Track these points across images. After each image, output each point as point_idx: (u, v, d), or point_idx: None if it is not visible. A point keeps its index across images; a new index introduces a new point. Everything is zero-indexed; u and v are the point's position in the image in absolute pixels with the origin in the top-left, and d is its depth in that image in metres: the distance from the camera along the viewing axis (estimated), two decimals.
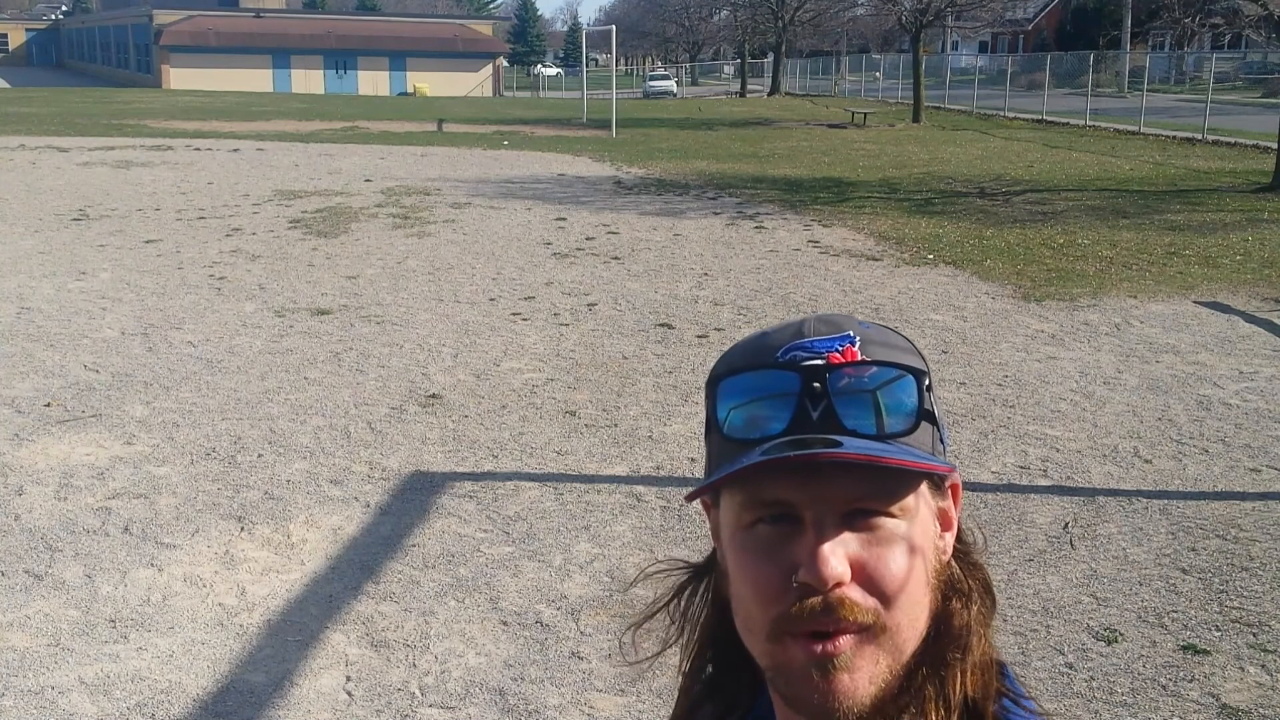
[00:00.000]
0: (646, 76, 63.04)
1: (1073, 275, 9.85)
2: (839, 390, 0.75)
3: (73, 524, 4.61)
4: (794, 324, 0.80)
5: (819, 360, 0.76)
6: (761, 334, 0.81)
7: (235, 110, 34.84)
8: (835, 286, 9.44)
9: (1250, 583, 4.16)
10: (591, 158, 20.92)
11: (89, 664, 3.58)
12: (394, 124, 29.42)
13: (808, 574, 0.72)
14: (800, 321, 0.80)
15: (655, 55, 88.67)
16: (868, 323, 0.80)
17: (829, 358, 0.76)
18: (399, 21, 67.91)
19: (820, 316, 0.81)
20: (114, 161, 18.74)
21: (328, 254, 10.71)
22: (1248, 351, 7.42)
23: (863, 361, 0.76)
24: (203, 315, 8.22)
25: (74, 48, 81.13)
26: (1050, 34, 62.82)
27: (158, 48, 57.82)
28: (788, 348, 0.77)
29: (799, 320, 0.80)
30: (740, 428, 0.76)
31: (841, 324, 0.79)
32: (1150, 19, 48.24)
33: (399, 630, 3.80)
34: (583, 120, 31.25)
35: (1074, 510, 4.83)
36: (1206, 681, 3.50)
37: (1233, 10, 19.91)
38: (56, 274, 9.61)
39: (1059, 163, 19.86)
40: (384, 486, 5.05)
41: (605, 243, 11.47)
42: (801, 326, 0.79)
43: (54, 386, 6.47)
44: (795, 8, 50.37)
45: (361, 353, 7.26)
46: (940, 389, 6.54)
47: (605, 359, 7.18)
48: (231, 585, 4.12)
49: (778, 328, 0.81)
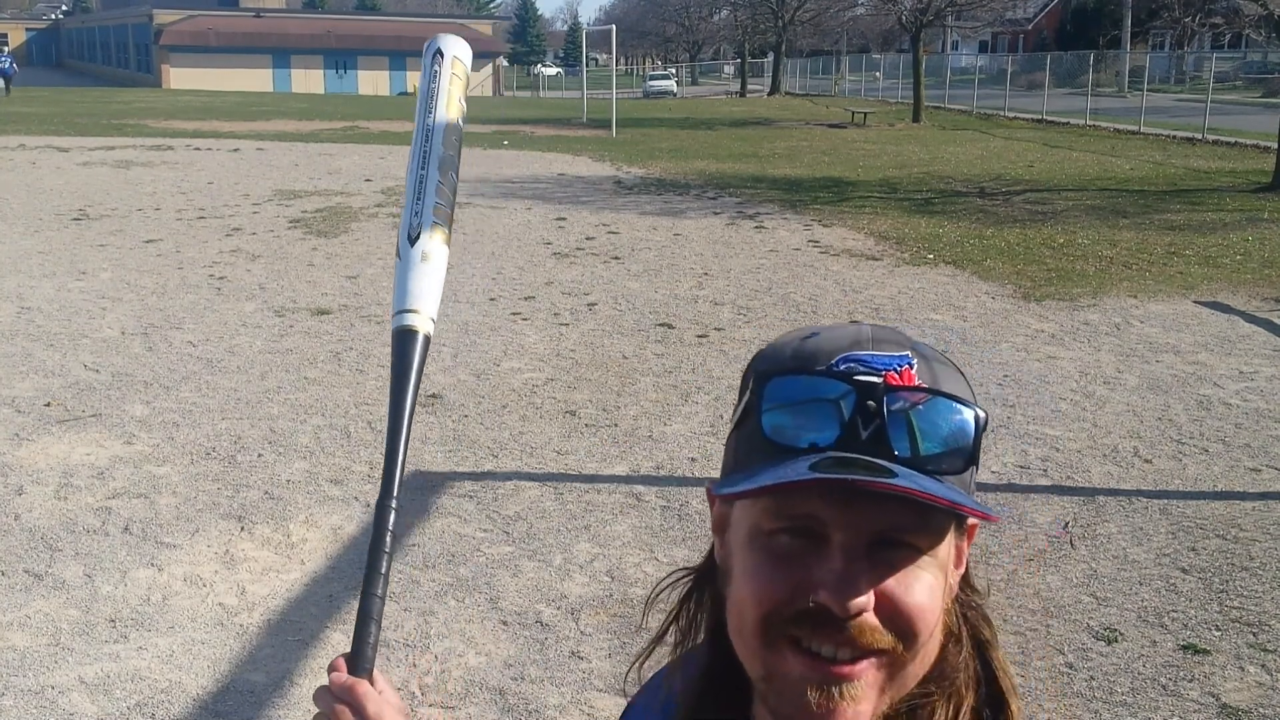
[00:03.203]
0: (646, 76, 63.05)
1: (1073, 275, 9.85)
2: (894, 413, 0.71)
3: (73, 524, 4.61)
4: (849, 330, 0.76)
5: (876, 378, 0.72)
6: (812, 333, 0.77)
7: (235, 110, 34.85)
8: (835, 286, 9.44)
9: (1250, 583, 4.16)
10: (591, 157, 20.92)
11: (89, 664, 3.58)
12: (394, 124, 29.42)
13: (830, 599, 0.69)
14: (856, 328, 0.76)
15: (655, 55, 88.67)
16: (922, 344, 0.77)
17: (886, 377, 0.72)
18: (399, 21, 67.92)
19: (877, 327, 0.77)
20: (114, 161, 18.74)
21: (328, 254, 10.71)
22: (1248, 351, 7.42)
23: (920, 388, 0.72)
24: (203, 315, 8.22)
25: (74, 47, 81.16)
26: (1050, 34, 62.83)
27: (158, 47, 57.84)
28: (844, 357, 0.73)
29: (854, 327, 0.77)
30: (785, 433, 0.72)
31: (900, 342, 0.75)
32: (1150, 19, 48.26)
33: (399, 630, 3.80)
34: (583, 120, 31.24)
35: (1074, 510, 4.83)
36: (1206, 681, 3.50)
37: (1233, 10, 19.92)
38: (56, 274, 9.61)
39: (1059, 163, 19.86)
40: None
41: (605, 242, 11.47)
42: (858, 335, 0.75)
43: (54, 386, 6.47)
44: (795, 7, 50.38)
45: (361, 353, 7.26)
46: None
47: (605, 359, 7.18)
48: (231, 585, 4.12)
49: (830, 330, 0.77)
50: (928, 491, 0.68)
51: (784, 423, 0.72)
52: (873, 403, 0.71)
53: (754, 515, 0.73)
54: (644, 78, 64.35)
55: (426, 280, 0.99)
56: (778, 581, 0.71)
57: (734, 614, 0.75)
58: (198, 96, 44.35)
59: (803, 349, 0.76)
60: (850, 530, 0.70)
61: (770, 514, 0.72)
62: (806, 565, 0.71)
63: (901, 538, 0.71)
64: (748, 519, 0.74)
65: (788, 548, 0.72)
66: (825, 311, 8.49)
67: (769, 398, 0.73)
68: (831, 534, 0.70)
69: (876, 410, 0.70)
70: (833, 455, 0.70)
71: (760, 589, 0.72)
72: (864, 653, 0.70)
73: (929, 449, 0.71)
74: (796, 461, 0.70)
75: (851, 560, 0.70)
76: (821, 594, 0.69)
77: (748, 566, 0.74)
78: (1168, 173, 18.13)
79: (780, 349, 0.77)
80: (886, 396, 0.71)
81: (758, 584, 0.72)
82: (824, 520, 0.70)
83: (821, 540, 0.71)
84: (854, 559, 0.70)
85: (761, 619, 0.72)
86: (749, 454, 0.74)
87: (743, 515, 0.75)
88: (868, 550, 0.70)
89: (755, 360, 0.78)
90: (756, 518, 0.73)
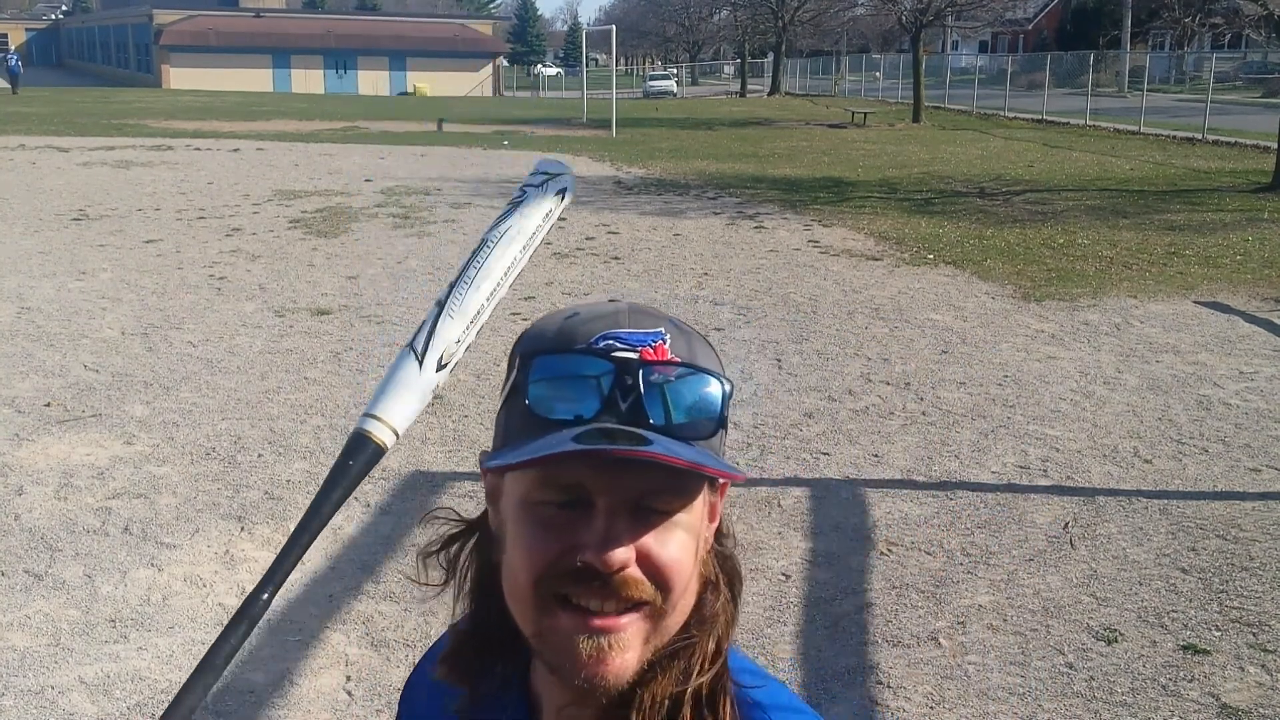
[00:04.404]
0: (646, 76, 63.05)
1: (1073, 275, 9.86)
2: (650, 385, 0.76)
3: (73, 524, 4.61)
4: (608, 309, 0.81)
5: (632, 354, 0.77)
6: (573, 311, 0.83)
7: (235, 110, 34.85)
8: (835, 286, 9.44)
9: (1250, 583, 4.16)
10: (591, 158, 20.92)
11: (89, 664, 3.58)
12: (394, 124, 29.43)
13: (594, 557, 0.74)
14: (614, 306, 0.82)
15: (655, 55, 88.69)
16: (678, 321, 0.82)
17: (641, 353, 0.77)
18: (399, 21, 67.94)
19: (634, 307, 0.82)
20: (114, 161, 18.74)
21: (328, 254, 10.71)
22: (1248, 351, 7.42)
23: (672, 362, 0.78)
24: (203, 315, 8.22)
25: (74, 47, 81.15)
26: (1050, 34, 62.85)
27: (158, 47, 57.83)
28: (603, 335, 0.79)
29: (613, 306, 0.82)
30: (549, 407, 0.77)
31: (656, 317, 0.81)
32: (1150, 19, 48.28)
33: (399, 630, 3.80)
34: (583, 120, 31.25)
35: (1074, 510, 4.83)
36: (1206, 681, 3.50)
37: (1233, 10, 19.92)
38: (56, 274, 9.61)
39: (1059, 163, 19.87)
40: (384, 486, 5.05)
41: (605, 243, 11.47)
42: (616, 314, 0.81)
43: (54, 386, 6.47)
44: (795, 7, 50.38)
45: (361, 353, 7.26)
46: (940, 389, 6.54)
47: None
48: (231, 585, 4.12)
49: (591, 308, 0.82)
50: (678, 457, 0.73)
51: (549, 397, 0.77)
52: (629, 377, 0.76)
53: (523, 486, 0.78)
54: (644, 78, 64.37)
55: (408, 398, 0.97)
56: (547, 546, 0.76)
57: (508, 578, 0.80)
58: (198, 96, 44.35)
59: (565, 328, 0.81)
60: (613, 495, 0.75)
61: (538, 484, 0.77)
62: (574, 529, 0.76)
63: (657, 502, 0.76)
64: (517, 489, 0.79)
65: (555, 515, 0.77)
66: (825, 311, 8.49)
67: (534, 374, 0.78)
68: (596, 499, 0.75)
69: (634, 384, 0.76)
70: (595, 426, 0.75)
71: (531, 554, 0.77)
72: (628, 605, 0.76)
73: (680, 418, 0.77)
74: (560, 434, 0.75)
75: (614, 522, 0.75)
76: (588, 554, 0.75)
77: (520, 534, 0.78)
78: (1168, 173, 18.13)
79: (544, 328, 0.83)
80: (642, 370, 0.76)
81: (529, 549, 0.77)
82: (588, 488, 0.75)
83: (587, 506, 0.76)
84: (617, 520, 0.75)
85: (534, 581, 0.77)
86: (517, 429, 0.79)
87: (513, 486, 0.80)
88: (629, 513, 0.76)
89: (520, 340, 0.84)
90: (526, 488, 0.78)
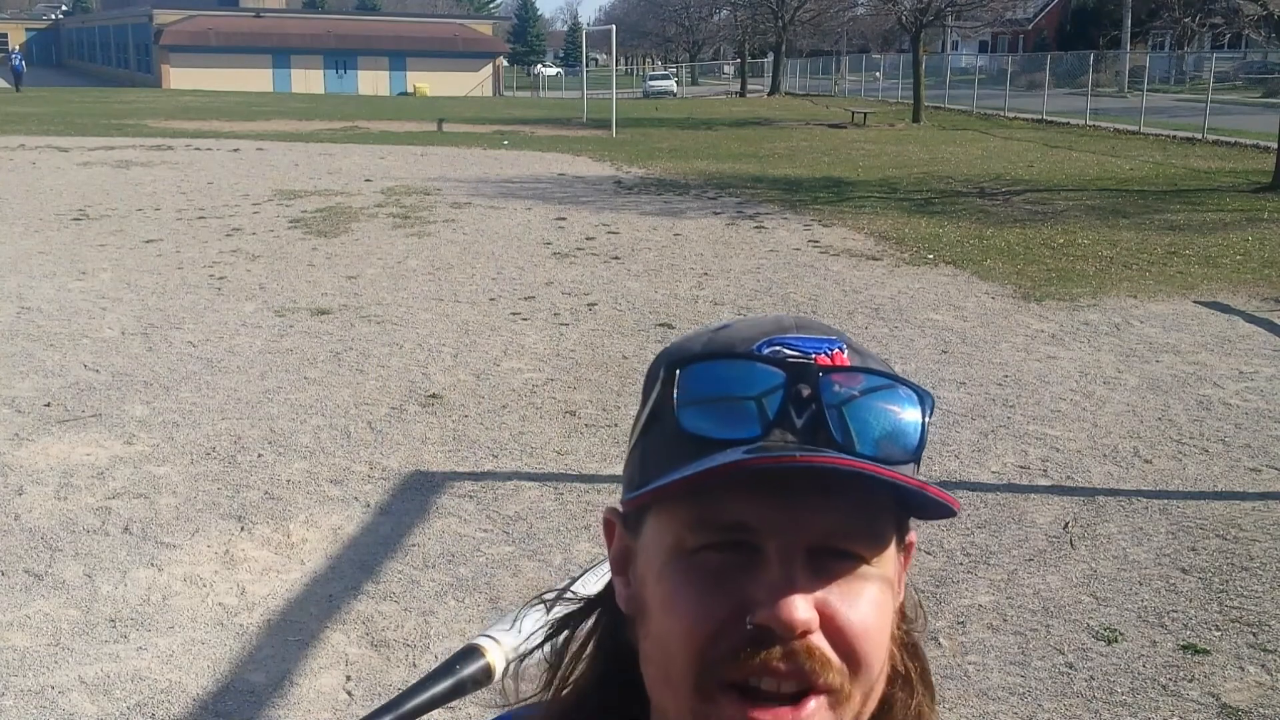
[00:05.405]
0: (646, 76, 63.05)
1: (1073, 275, 9.85)
2: (831, 397, 0.61)
3: (73, 524, 4.61)
4: (768, 318, 0.66)
5: (805, 360, 0.62)
6: (724, 324, 0.67)
7: (235, 110, 34.84)
8: (835, 286, 9.44)
9: (1250, 583, 4.16)
10: (591, 158, 20.91)
11: (89, 664, 3.58)
12: (394, 124, 29.42)
13: (770, 616, 0.58)
14: (776, 316, 0.67)
15: (655, 55, 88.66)
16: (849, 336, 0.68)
17: (816, 360, 0.62)
18: (399, 21, 67.94)
19: (800, 316, 0.67)
20: (114, 161, 18.74)
21: (328, 254, 10.71)
22: (1248, 351, 7.42)
23: (856, 369, 0.63)
24: (203, 315, 8.22)
25: (74, 47, 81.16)
26: (1050, 34, 62.83)
27: (158, 47, 57.82)
28: (768, 340, 0.63)
29: (774, 316, 0.67)
30: (707, 424, 0.61)
31: (826, 328, 0.66)
32: (1150, 19, 48.24)
33: (399, 630, 3.80)
34: (583, 120, 31.24)
35: (1074, 510, 4.83)
36: (1206, 681, 3.50)
37: (1233, 10, 19.90)
38: (56, 274, 9.61)
39: (1059, 163, 19.86)
40: (384, 486, 5.05)
41: (605, 242, 11.47)
42: (780, 321, 0.66)
43: (54, 386, 6.47)
44: (795, 7, 50.36)
45: (361, 353, 7.26)
46: (940, 389, 6.53)
47: (605, 359, 7.17)
48: (231, 585, 4.12)
49: (745, 319, 0.67)
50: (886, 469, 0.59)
51: (706, 413, 0.61)
52: (805, 386, 0.61)
53: (674, 533, 0.62)
54: (644, 78, 64.36)
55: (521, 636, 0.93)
56: (713, 606, 0.60)
57: (656, 659, 0.63)
58: (198, 96, 44.34)
59: (716, 339, 0.66)
60: (788, 535, 0.60)
61: (692, 527, 0.61)
62: (740, 585, 0.60)
63: (846, 546, 0.61)
64: (667, 539, 0.63)
65: (719, 565, 0.61)
66: (825, 311, 8.49)
67: (684, 388, 0.62)
68: (765, 543, 0.60)
69: (812, 395, 0.61)
70: (763, 445, 0.60)
71: (689, 617, 0.60)
72: (810, 688, 0.60)
73: (869, 438, 0.61)
74: (724, 454, 0.59)
75: (791, 571, 0.59)
76: (760, 613, 0.59)
77: (669, 595, 0.62)
78: (1168, 173, 18.13)
79: (689, 342, 0.67)
80: (821, 379, 0.61)
81: (685, 611, 0.61)
82: (755, 528, 0.60)
83: (753, 552, 0.60)
84: (794, 570, 0.59)
85: (695, 657, 0.60)
86: (662, 459, 0.62)
87: (656, 537, 0.64)
88: (806, 559, 0.60)
89: (661, 356, 0.67)
90: (677, 535, 0.62)
